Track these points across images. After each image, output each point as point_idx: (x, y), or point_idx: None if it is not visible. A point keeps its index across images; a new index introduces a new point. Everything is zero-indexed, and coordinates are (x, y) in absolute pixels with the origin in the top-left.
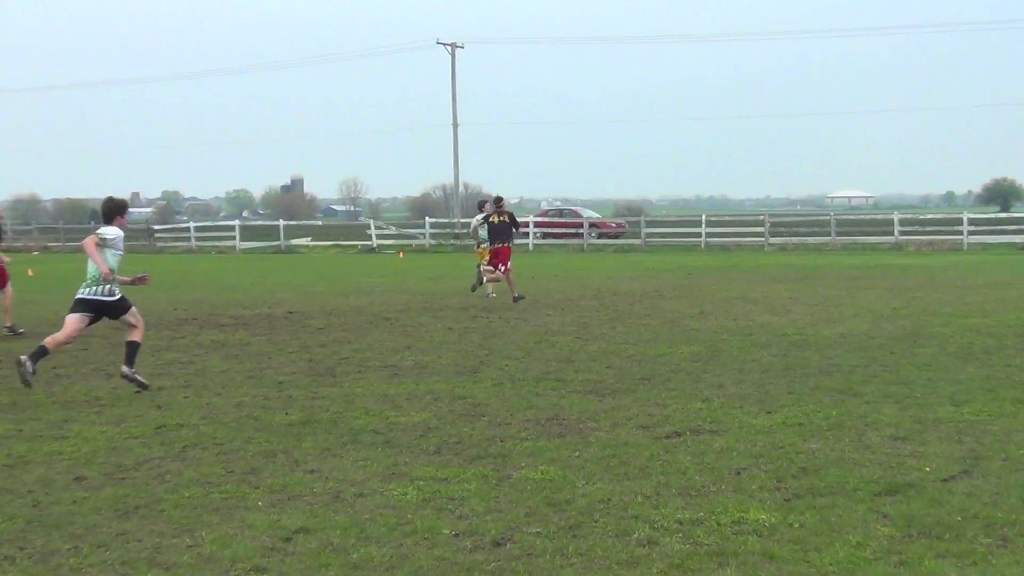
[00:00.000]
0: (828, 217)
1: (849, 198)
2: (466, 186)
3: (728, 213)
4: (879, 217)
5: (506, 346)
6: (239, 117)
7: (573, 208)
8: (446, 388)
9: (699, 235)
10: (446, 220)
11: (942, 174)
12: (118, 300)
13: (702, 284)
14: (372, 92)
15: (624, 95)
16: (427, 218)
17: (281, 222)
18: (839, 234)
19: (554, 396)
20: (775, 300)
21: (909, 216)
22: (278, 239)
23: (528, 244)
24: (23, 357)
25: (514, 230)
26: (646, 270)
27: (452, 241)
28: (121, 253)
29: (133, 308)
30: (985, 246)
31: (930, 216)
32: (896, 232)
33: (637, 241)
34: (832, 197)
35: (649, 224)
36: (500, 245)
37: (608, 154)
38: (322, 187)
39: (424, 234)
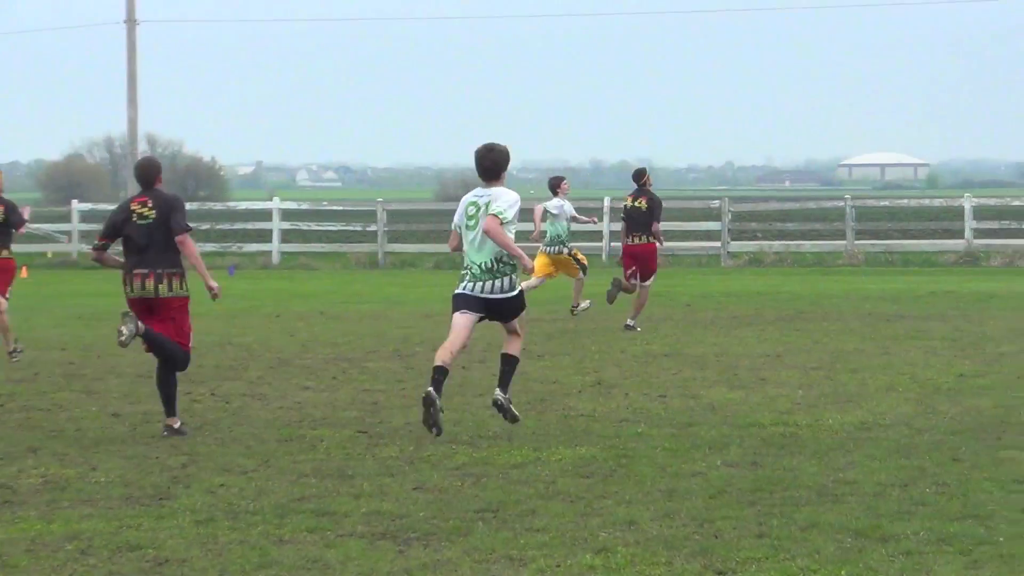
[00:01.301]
0: (842, 204)
1: (882, 167)
2: (153, 141)
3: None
4: (936, 203)
5: (223, 448)
6: None
7: None
8: (105, 529)
9: (599, 235)
10: (114, 206)
11: None
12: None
13: (599, 329)
14: None
15: None
16: (75, 203)
17: None
18: (862, 235)
19: (313, 543)
20: (739, 360)
21: (993, 201)
22: None
23: None
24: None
25: (654, 223)
26: (529, 300)
27: None
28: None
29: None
30: None
31: None
32: (968, 231)
33: None
34: (850, 165)
35: None
36: (635, 242)
37: (420, 97)
38: None
39: (70, 233)
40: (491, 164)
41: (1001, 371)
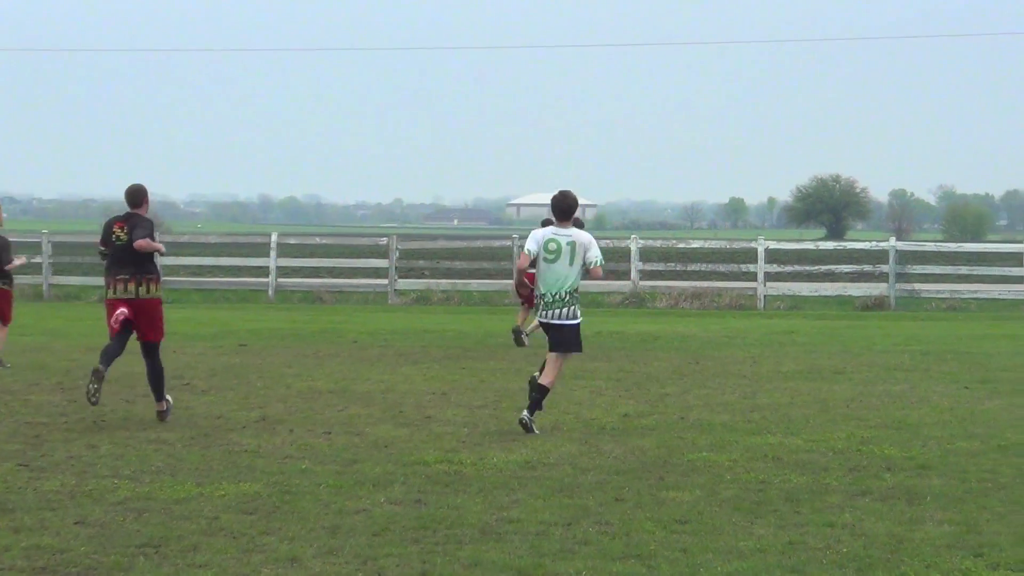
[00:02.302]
0: (509, 244)
1: (549, 207)
2: None
3: (298, 231)
4: (603, 244)
5: None
6: None
7: None
8: None
9: (265, 272)
10: None
11: (732, 168)
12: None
13: (265, 365)
14: None
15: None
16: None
17: None
18: None
19: None
20: (405, 397)
21: (659, 243)
22: None
23: None
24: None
25: None
26: (193, 336)
27: None
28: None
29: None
30: (796, 302)
31: (698, 244)
32: (634, 271)
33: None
34: (519, 204)
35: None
36: None
37: (87, 128)
38: None
39: None
40: (567, 207)
41: (664, 411)
